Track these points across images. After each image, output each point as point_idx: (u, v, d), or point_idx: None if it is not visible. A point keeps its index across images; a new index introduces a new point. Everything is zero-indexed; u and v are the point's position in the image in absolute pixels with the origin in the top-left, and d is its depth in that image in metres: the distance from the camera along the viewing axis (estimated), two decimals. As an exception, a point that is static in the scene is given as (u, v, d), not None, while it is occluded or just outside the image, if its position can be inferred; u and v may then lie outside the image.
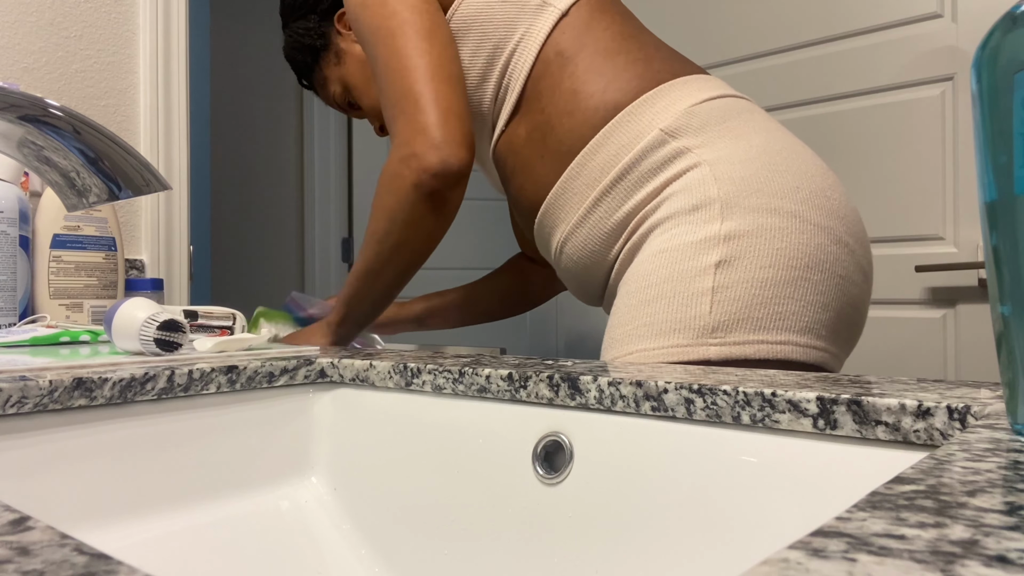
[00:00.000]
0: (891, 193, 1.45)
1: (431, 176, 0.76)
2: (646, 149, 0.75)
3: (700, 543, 0.44)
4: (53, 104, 0.50)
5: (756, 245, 0.68)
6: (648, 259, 0.72)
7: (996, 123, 0.29)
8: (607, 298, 0.85)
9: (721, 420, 0.44)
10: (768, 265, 0.67)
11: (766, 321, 0.67)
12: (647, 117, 0.76)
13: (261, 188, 2.95)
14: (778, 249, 0.68)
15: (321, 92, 1.07)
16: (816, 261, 0.69)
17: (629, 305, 0.72)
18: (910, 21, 1.43)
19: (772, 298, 0.67)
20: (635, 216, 0.76)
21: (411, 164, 0.76)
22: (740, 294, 0.67)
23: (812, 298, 0.68)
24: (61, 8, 1.27)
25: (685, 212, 0.71)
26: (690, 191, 0.72)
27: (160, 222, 1.38)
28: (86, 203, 0.55)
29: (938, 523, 0.19)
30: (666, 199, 0.74)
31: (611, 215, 0.77)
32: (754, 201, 0.69)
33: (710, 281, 0.67)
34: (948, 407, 0.37)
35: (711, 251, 0.68)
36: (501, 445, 0.54)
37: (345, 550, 0.59)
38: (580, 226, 0.80)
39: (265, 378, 0.61)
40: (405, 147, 0.77)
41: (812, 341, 0.69)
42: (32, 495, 0.49)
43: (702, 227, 0.69)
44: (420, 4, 0.81)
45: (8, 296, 0.96)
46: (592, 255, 0.80)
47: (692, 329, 0.67)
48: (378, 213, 0.80)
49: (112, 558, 0.19)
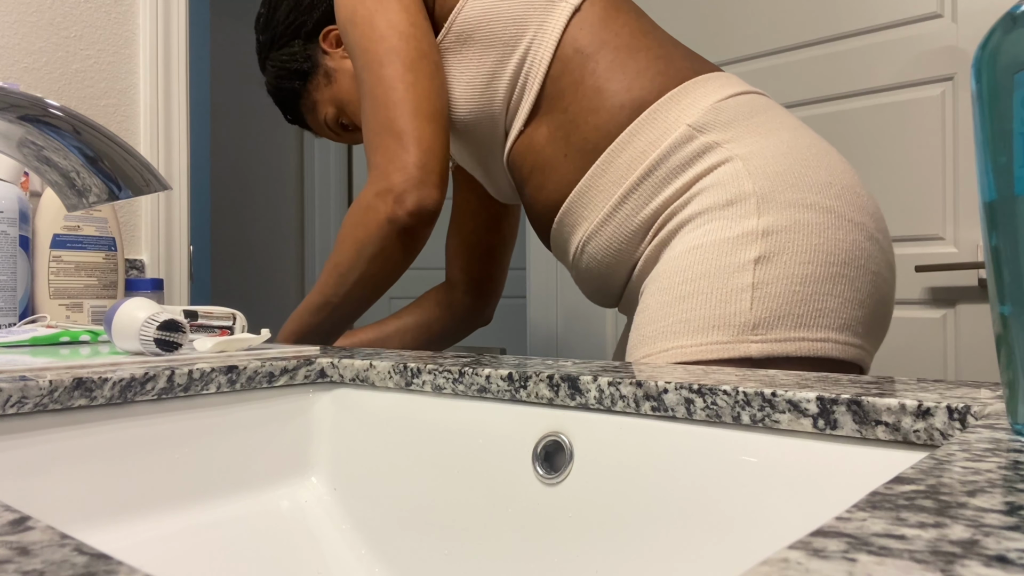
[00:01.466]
0: (891, 193, 1.45)
1: (406, 213, 0.78)
2: (674, 145, 0.74)
3: (700, 543, 0.44)
4: (53, 104, 0.50)
5: (795, 240, 0.67)
6: (682, 255, 0.70)
7: (996, 123, 0.29)
8: (627, 298, 0.84)
9: (721, 420, 0.44)
10: (807, 261, 0.66)
11: (807, 318, 0.66)
12: (674, 113, 0.75)
13: (261, 188, 2.95)
14: (815, 245, 0.67)
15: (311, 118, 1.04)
16: (852, 257, 0.68)
17: (662, 302, 0.70)
18: (910, 21, 1.43)
19: (812, 295, 0.66)
20: (663, 212, 0.75)
21: (387, 199, 0.78)
22: (781, 290, 0.66)
23: (849, 295, 0.67)
24: (61, 8, 1.27)
25: (719, 207, 0.70)
26: (723, 186, 0.70)
27: (160, 222, 1.38)
28: (86, 203, 0.55)
29: (938, 523, 0.19)
30: (696, 194, 0.72)
31: (638, 212, 0.76)
32: (789, 196, 0.68)
33: (750, 277, 0.66)
34: (948, 407, 0.37)
35: (750, 247, 0.67)
36: (501, 445, 0.54)
37: (345, 550, 0.59)
38: (605, 224, 0.78)
39: (265, 378, 0.61)
40: (382, 181, 0.78)
41: (850, 338, 0.68)
42: (32, 495, 0.49)
43: (738, 222, 0.68)
44: (408, 29, 0.81)
45: (8, 296, 0.96)
46: (617, 253, 0.79)
47: (732, 326, 0.66)
48: (344, 245, 0.81)
49: (112, 558, 0.19)
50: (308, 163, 3.00)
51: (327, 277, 0.84)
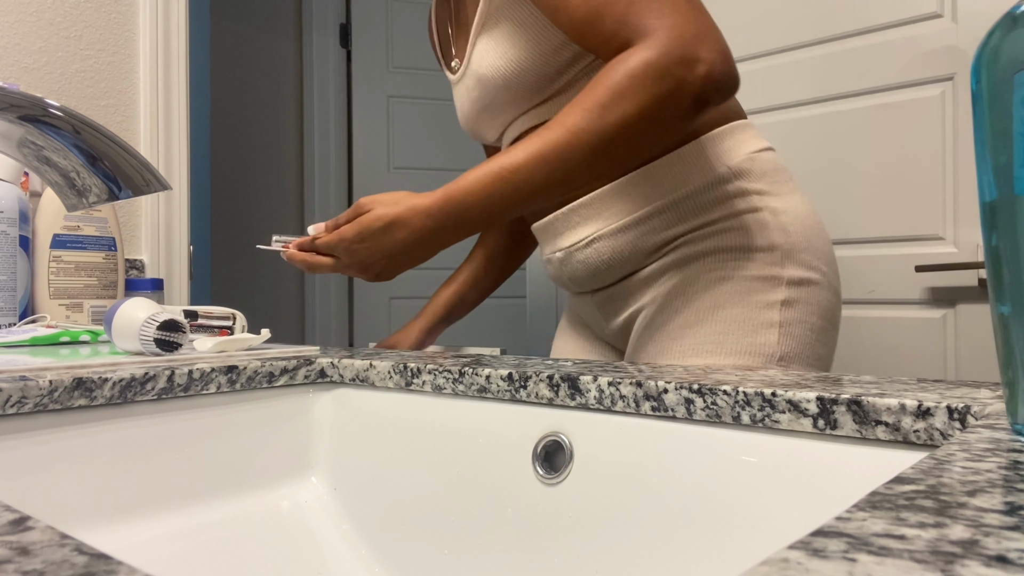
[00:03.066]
0: (891, 193, 1.45)
1: (715, 90, 0.66)
2: (712, 182, 0.78)
3: (700, 543, 0.44)
4: (53, 104, 0.50)
5: (808, 295, 0.77)
6: (709, 283, 0.76)
7: (996, 123, 0.29)
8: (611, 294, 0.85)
9: (721, 420, 0.44)
10: (814, 313, 0.76)
11: (812, 360, 0.76)
12: (717, 151, 0.79)
13: (261, 188, 2.95)
14: (818, 301, 0.77)
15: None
16: (833, 316, 0.79)
17: (689, 323, 0.75)
18: (910, 21, 1.43)
19: (815, 342, 0.76)
20: (681, 237, 0.79)
21: (696, 70, 0.65)
22: (799, 333, 0.75)
23: (830, 346, 0.79)
24: (61, 8, 1.27)
25: (746, 249, 0.77)
26: (748, 231, 0.77)
27: (160, 222, 1.38)
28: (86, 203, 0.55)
29: (938, 523, 0.19)
30: (720, 232, 0.77)
31: (660, 231, 0.79)
32: (804, 257, 0.78)
33: (777, 316, 0.74)
34: (948, 407, 0.37)
35: (776, 290, 0.75)
36: (501, 445, 0.54)
37: (345, 550, 0.59)
38: (625, 231, 0.80)
39: (265, 378, 0.61)
40: (683, 48, 0.65)
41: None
42: (32, 495, 0.49)
43: (767, 267, 0.76)
44: None
45: (8, 296, 0.96)
46: (624, 259, 0.81)
47: (762, 355, 0.73)
48: (613, 106, 0.66)
49: (112, 558, 0.19)
50: (308, 163, 3.00)
51: (570, 137, 0.68)
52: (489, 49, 0.81)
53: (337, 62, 2.99)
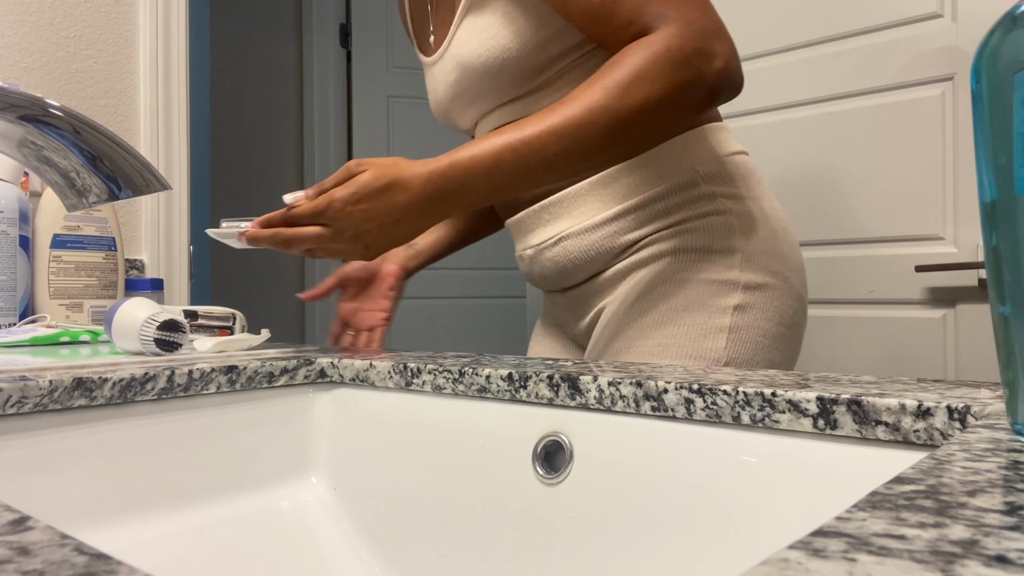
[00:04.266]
0: (891, 193, 1.45)
1: (727, 87, 0.67)
2: (680, 185, 0.77)
3: (700, 543, 0.44)
4: (53, 104, 0.50)
5: (764, 300, 0.76)
6: (667, 284, 0.76)
7: (996, 123, 0.29)
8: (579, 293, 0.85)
9: (721, 420, 0.44)
10: (769, 319, 0.76)
11: (762, 366, 0.75)
12: (691, 152, 0.79)
13: (261, 188, 2.95)
14: (775, 307, 0.76)
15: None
16: (794, 323, 0.78)
17: (644, 324, 0.75)
18: (910, 21, 1.43)
19: (769, 347, 0.75)
20: (647, 237, 0.78)
21: (713, 63, 0.65)
22: (749, 338, 0.74)
23: (787, 353, 0.78)
24: (61, 8, 1.27)
25: (705, 251, 0.76)
26: (711, 232, 0.77)
27: (160, 222, 1.38)
28: (86, 203, 0.55)
29: (938, 523, 0.19)
30: (683, 232, 0.77)
31: (626, 233, 0.78)
32: (765, 261, 0.77)
33: (728, 320, 0.74)
34: (948, 407, 0.37)
35: (731, 294, 0.75)
36: (501, 445, 0.54)
37: (345, 550, 0.59)
38: (591, 231, 0.80)
39: (265, 378, 0.61)
40: (703, 40, 0.65)
41: None
42: (32, 495, 0.49)
43: (724, 271, 0.75)
44: None
45: (8, 296, 0.96)
46: (589, 260, 0.81)
47: (706, 359, 0.73)
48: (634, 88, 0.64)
49: (112, 558, 0.19)
50: (308, 163, 3.00)
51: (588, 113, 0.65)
52: (475, 32, 0.78)
53: (337, 62, 2.99)
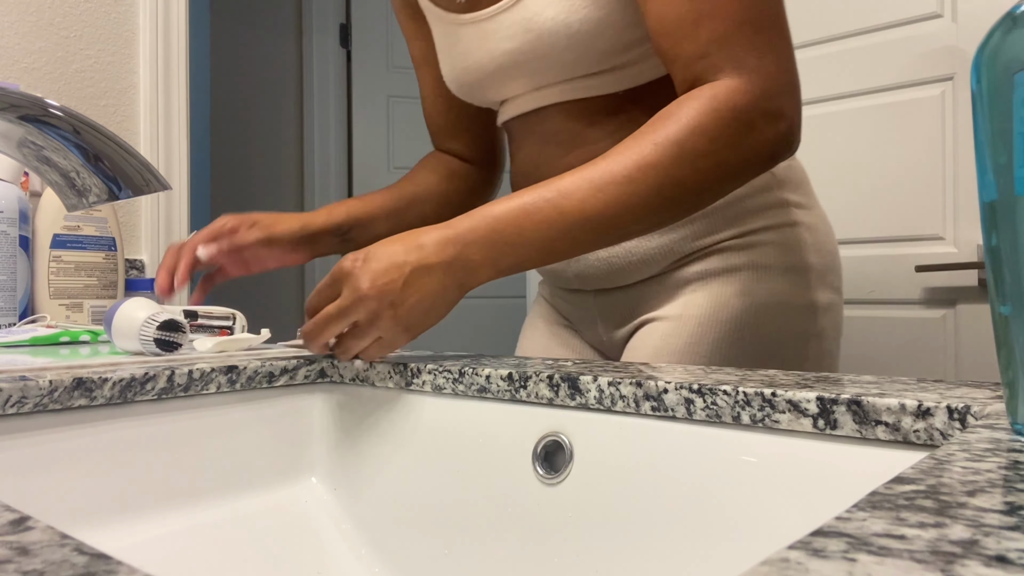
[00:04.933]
0: (891, 193, 1.45)
1: (787, 149, 0.61)
2: (758, 188, 0.74)
3: (700, 543, 0.44)
4: (53, 104, 0.50)
5: (831, 320, 0.77)
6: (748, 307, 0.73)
7: (996, 123, 0.29)
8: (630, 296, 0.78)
9: (721, 420, 0.44)
10: (834, 339, 0.77)
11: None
12: None
13: (261, 188, 2.95)
14: (836, 325, 0.78)
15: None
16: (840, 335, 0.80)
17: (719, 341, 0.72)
18: (910, 21, 1.43)
19: (829, 365, 0.77)
20: (719, 244, 0.74)
21: (779, 126, 0.60)
22: (826, 364, 0.76)
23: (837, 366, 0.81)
24: (61, 8, 1.27)
25: (782, 268, 0.74)
26: (786, 248, 0.75)
27: (160, 222, 1.38)
28: (86, 203, 0.55)
29: (938, 523, 0.19)
30: (758, 244, 0.74)
31: (698, 238, 0.74)
32: (831, 279, 0.78)
33: (809, 350, 0.75)
34: (948, 407, 0.37)
35: (811, 320, 0.75)
36: (501, 445, 0.54)
37: (345, 550, 0.59)
38: (661, 234, 0.74)
39: (265, 378, 0.61)
40: (773, 100, 0.59)
41: None
42: (32, 495, 0.49)
43: (802, 293, 0.75)
44: None
45: (8, 296, 0.96)
46: (652, 263, 0.75)
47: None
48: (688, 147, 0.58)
49: (112, 558, 0.19)
50: (308, 163, 3.00)
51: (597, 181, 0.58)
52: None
53: (337, 62, 2.99)
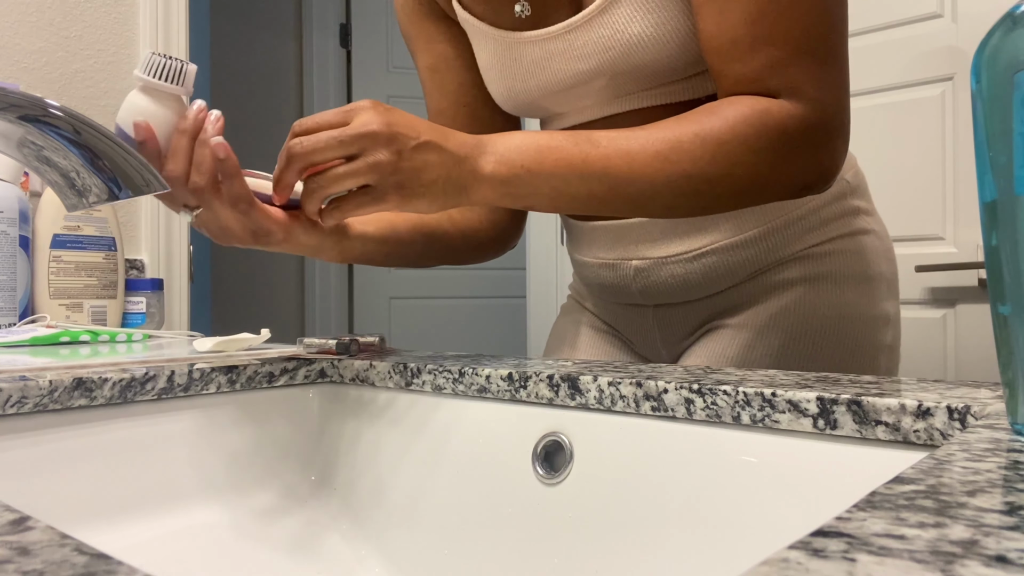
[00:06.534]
0: (891, 193, 1.45)
1: (823, 185, 0.60)
2: (835, 195, 0.72)
3: (700, 543, 0.44)
4: (53, 104, 0.50)
5: (896, 333, 0.76)
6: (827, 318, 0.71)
7: (996, 123, 0.29)
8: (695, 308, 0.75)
9: (721, 420, 0.44)
10: (897, 351, 0.77)
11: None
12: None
13: (261, 188, 2.95)
14: (898, 337, 0.77)
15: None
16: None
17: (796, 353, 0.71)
18: (910, 21, 1.43)
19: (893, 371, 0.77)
20: (795, 253, 0.72)
21: (821, 160, 0.58)
22: (892, 368, 0.77)
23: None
24: (61, 8, 1.27)
25: (857, 278, 0.73)
26: (862, 257, 0.73)
27: (160, 222, 1.38)
28: (86, 203, 0.55)
29: (938, 523, 0.19)
30: (833, 252, 0.72)
31: (780, 249, 0.71)
32: (896, 287, 0.77)
33: (884, 361, 0.75)
34: (948, 407, 0.37)
35: (885, 331, 0.74)
36: (501, 445, 0.54)
37: (345, 550, 0.59)
38: (744, 247, 0.71)
39: (265, 378, 0.61)
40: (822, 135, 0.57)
41: None
42: (32, 495, 0.49)
43: (877, 303, 0.74)
44: None
45: (8, 296, 0.96)
46: (729, 276, 0.73)
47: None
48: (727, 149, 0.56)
49: (112, 558, 0.19)
50: (308, 163, 3.00)
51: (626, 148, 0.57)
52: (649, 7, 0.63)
53: (337, 62, 2.99)
